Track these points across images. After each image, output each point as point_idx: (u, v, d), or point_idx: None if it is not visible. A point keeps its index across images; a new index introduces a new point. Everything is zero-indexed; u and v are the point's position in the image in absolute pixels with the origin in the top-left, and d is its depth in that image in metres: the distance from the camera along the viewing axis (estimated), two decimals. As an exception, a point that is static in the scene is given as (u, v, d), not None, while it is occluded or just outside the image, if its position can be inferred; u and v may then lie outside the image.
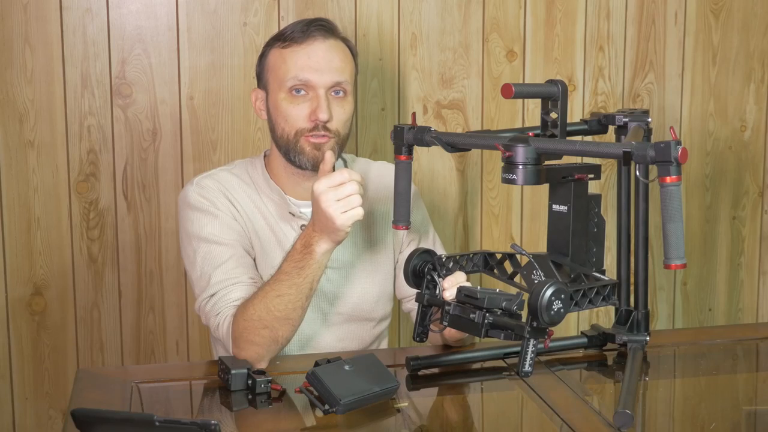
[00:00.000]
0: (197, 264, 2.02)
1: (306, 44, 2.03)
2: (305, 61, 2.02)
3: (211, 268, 2.00)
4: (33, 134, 2.45)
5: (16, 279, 2.50)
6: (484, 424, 1.80)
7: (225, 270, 1.99)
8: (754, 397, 1.95)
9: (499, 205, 2.73)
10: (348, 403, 1.67)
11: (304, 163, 2.05)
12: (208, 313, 1.99)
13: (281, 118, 2.05)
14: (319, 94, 2.02)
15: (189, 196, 2.07)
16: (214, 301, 1.98)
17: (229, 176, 2.11)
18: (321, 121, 2.01)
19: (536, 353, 1.65)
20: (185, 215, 2.07)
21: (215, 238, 2.02)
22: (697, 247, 2.88)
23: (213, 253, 2.01)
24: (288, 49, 2.03)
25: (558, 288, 1.62)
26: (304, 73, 2.02)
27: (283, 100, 2.04)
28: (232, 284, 1.98)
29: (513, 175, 1.73)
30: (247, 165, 2.15)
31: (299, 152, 2.04)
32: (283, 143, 2.06)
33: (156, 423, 1.42)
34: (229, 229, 2.04)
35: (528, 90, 2.09)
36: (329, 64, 2.03)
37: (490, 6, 2.64)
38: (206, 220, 2.04)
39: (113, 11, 2.45)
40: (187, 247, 2.06)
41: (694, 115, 2.82)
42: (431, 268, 1.85)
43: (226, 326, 1.93)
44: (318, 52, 2.02)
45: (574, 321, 2.79)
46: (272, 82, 2.06)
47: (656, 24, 2.75)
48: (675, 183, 1.62)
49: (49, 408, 2.56)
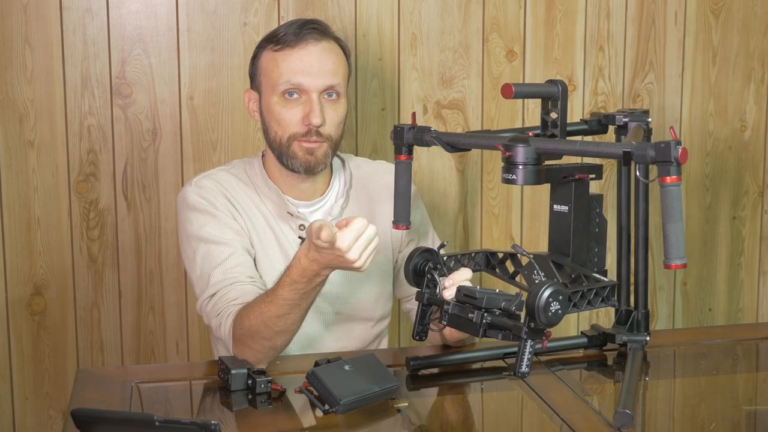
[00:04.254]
0: (197, 264, 2.02)
1: (299, 48, 2.02)
2: (298, 65, 2.02)
3: (210, 268, 2.00)
4: (33, 134, 2.45)
5: (16, 279, 2.50)
6: (484, 424, 1.80)
7: (224, 269, 1.99)
8: (754, 397, 1.95)
9: (499, 205, 2.73)
10: (348, 403, 1.67)
11: (296, 167, 2.05)
12: (209, 313, 1.99)
13: (274, 122, 2.05)
14: (311, 98, 2.02)
15: (188, 197, 2.07)
16: (214, 301, 1.98)
17: (227, 176, 2.11)
18: (314, 126, 2.01)
19: (534, 354, 1.65)
20: (184, 216, 2.07)
21: (214, 237, 2.02)
22: (697, 247, 2.88)
23: (212, 252, 2.01)
24: (281, 53, 2.03)
25: (556, 289, 1.62)
26: (296, 77, 2.01)
27: (276, 103, 2.04)
28: (230, 284, 1.98)
29: (513, 175, 1.73)
30: (245, 165, 2.15)
31: (292, 156, 2.04)
32: (276, 146, 2.06)
33: (156, 423, 1.42)
34: (228, 228, 2.04)
35: (528, 90, 2.09)
36: (322, 68, 2.02)
37: (490, 6, 2.64)
38: (205, 220, 2.04)
39: (113, 11, 2.45)
40: (187, 248, 2.06)
41: (694, 115, 2.82)
42: (432, 267, 1.85)
43: (228, 326, 1.93)
44: (310, 56, 2.02)
45: (574, 321, 2.79)
46: (265, 84, 2.06)
47: (656, 24, 2.75)
48: (675, 183, 1.62)
49: (49, 408, 2.56)
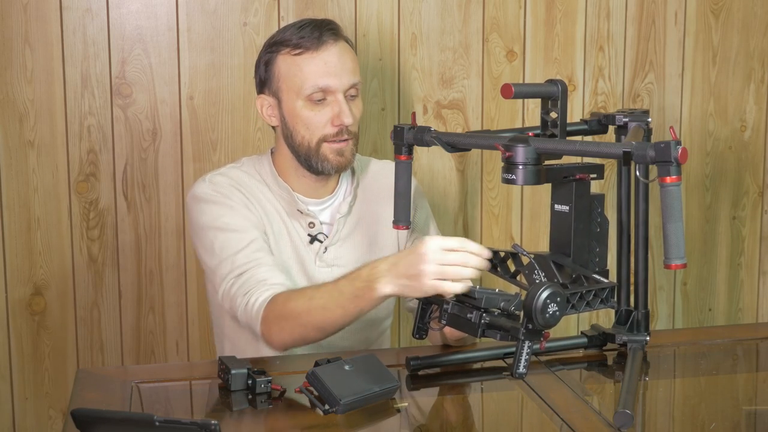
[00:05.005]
0: (215, 252, 2.01)
1: (322, 50, 2.03)
2: (322, 68, 2.02)
3: (233, 253, 1.99)
4: (33, 134, 2.45)
5: (16, 279, 2.50)
6: (484, 424, 1.80)
7: (247, 253, 1.99)
8: (754, 397, 1.95)
9: (499, 205, 2.73)
10: (348, 403, 1.67)
11: (328, 169, 2.07)
12: (234, 295, 1.96)
13: (301, 126, 2.05)
14: (338, 98, 2.03)
15: (202, 192, 2.07)
16: (242, 280, 1.96)
17: (239, 173, 2.11)
18: (345, 125, 2.03)
19: (531, 355, 1.65)
20: (198, 209, 2.06)
21: (232, 227, 2.02)
22: (697, 247, 2.88)
23: (231, 240, 2.00)
24: (302, 56, 2.03)
25: (553, 291, 1.62)
26: (323, 80, 2.02)
27: (303, 107, 2.04)
28: (257, 265, 1.97)
29: (513, 175, 1.73)
30: (254, 162, 2.15)
31: (322, 159, 2.05)
32: (303, 150, 2.07)
33: (156, 423, 1.42)
34: (245, 219, 2.04)
35: (528, 90, 2.09)
36: (344, 67, 2.04)
37: (490, 6, 2.64)
38: (221, 211, 2.03)
39: (113, 11, 2.45)
40: (203, 239, 2.04)
41: (694, 115, 2.82)
42: None
43: (259, 304, 1.91)
44: (332, 57, 2.03)
45: (574, 321, 2.78)
46: (286, 90, 2.06)
47: (656, 24, 2.75)
48: (675, 183, 1.62)
49: (49, 408, 2.56)
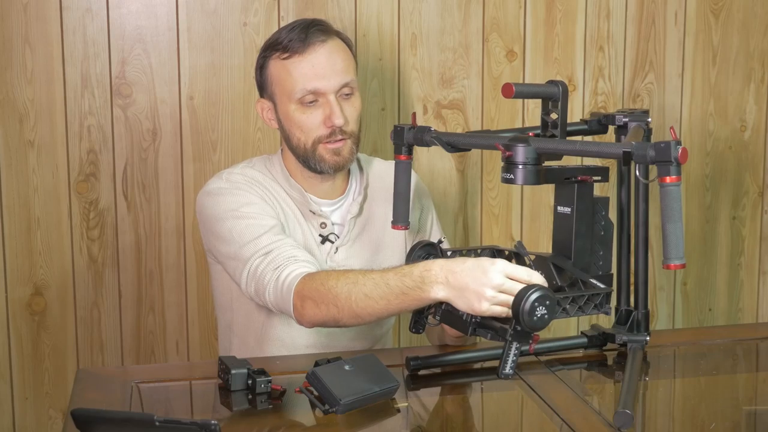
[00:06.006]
0: (234, 239, 1.99)
1: (307, 53, 2.02)
2: (310, 71, 2.02)
3: (255, 237, 1.98)
4: (33, 134, 2.45)
5: (16, 279, 2.50)
6: (484, 424, 1.80)
7: (270, 236, 1.98)
8: (754, 397, 1.95)
9: (499, 205, 2.73)
10: (348, 403, 1.67)
11: (325, 169, 2.07)
12: (263, 272, 1.94)
13: (296, 129, 2.05)
14: (329, 100, 2.03)
15: (217, 187, 2.06)
16: (270, 258, 1.94)
17: (254, 172, 2.12)
18: (337, 126, 2.03)
19: (518, 356, 1.65)
20: (213, 202, 2.05)
21: (251, 215, 2.01)
22: (697, 247, 2.88)
23: (252, 226, 1.99)
24: (290, 60, 2.03)
25: (543, 294, 1.61)
26: (311, 83, 2.02)
27: (295, 111, 2.04)
28: (283, 244, 1.96)
29: (512, 174, 1.73)
30: (265, 162, 2.16)
31: (319, 160, 2.06)
32: (300, 152, 2.07)
33: (156, 423, 1.42)
34: (263, 210, 2.03)
35: (528, 90, 2.08)
36: (333, 68, 2.03)
37: (490, 6, 2.64)
38: (241, 200, 2.03)
39: (113, 11, 2.45)
40: (220, 228, 2.02)
41: (694, 115, 2.82)
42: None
43: (291, 278, 1.89)
44: (320, 59, 2.02)
45: (574, 321, 2.78)
46: (279, 93, 2.06)
47: (656, 24, 2.75)
48: (675, 183, 1.62)
49: (49, 408, 2.56)
